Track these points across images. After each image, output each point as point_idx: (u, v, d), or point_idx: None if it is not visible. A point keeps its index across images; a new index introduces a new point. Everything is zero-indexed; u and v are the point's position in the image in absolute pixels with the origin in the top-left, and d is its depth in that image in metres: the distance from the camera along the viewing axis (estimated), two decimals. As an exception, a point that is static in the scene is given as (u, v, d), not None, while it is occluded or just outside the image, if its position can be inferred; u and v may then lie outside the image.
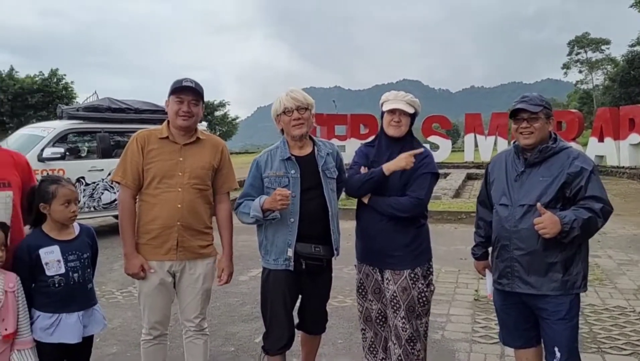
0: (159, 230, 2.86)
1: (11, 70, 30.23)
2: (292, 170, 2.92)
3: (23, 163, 2.70)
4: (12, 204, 2.55)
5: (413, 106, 2.99)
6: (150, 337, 2.99)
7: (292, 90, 2.95)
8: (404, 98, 2.99)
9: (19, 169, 2.64)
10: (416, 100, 3.03)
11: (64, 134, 8.45)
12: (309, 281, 3.00)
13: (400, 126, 2.97)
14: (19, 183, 2.59)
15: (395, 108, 2.96)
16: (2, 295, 2.39)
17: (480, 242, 3.04)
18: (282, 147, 2.98)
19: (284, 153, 2.95)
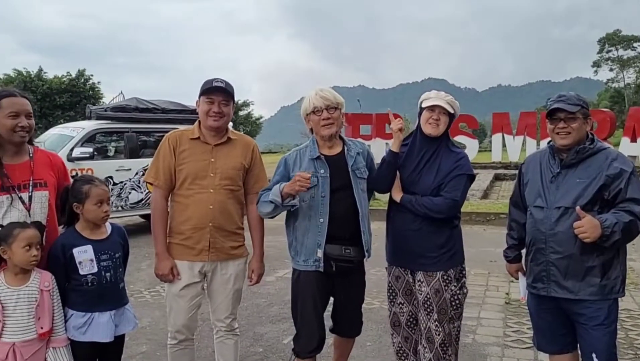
0: (191, 231, 2.87)
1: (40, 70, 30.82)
2: (321, 169, 2.88)
3: (59, 164, 2.74)
4: (48, 204, 2.58)
5: (453, 107, 2.93)
6: (174, 341, 2.99)
7: (322, 89, 2.90)
8: (445, 97, 2.94)
9: (55, 170, 2.68)
10: (456, 101, 2.98)
11: (93, 134, 8.59)
12: (341, 283, 2.96)
13: (438, 124, 2.90)
14: (54, 184, 2.63)
15: (435, 105, 2.89)
16: (38, 293, 2.42)
17: (513, 244, 2.97)
18: (312, 146, 2.94)
19: (313, 153, 2.91)
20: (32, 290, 2.41)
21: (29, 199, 2.51)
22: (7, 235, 2.37)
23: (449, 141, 3.01)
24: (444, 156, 2.93)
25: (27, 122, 2.49)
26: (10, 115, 2.45)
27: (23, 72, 30.17)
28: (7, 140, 2.48)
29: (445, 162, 2.91)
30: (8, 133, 2.46)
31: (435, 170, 2.91)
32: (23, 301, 2.39)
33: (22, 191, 2.50)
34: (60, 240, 2.58)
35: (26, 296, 2.40)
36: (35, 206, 2.53)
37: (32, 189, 2.53)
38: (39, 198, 2.54)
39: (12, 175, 2.49)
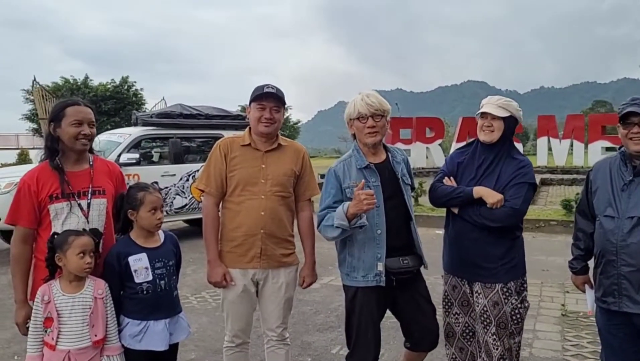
0: (242, 237, 2.84)
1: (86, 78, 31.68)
2: (372, 178, 2.76)
3: (117, 173, 2.76)
4: (106, 212, 2.60)
5: (507, 109, 2.80)
6: (232, 345, 2.98)
7: (368, 94, 2.79)
8: (496, 101, 2.82)
9: (113, 178, 2.70)
10: (512, 103, 2.84)
11: (139, 140, 8.72)
12: (403, 296, 2.84)
13: (491, 131, 2.79)
14: (112, 192, 2.65)
15: (486, 112, 2.80)
16: (92, 301, 2.42)
17: (580, 255, 2.82)
18: (357, 155, 2.82)
19: (361, 162, 2.78)
20: (86, 298, 2.41)
21: (87, 206, 2.53)
22: (62, 242, 2.38)
23: (511, 148, 2.87)
24: (505, 163, 2.81)
25: (90, 130, 2.53)
26: (73, 123, 2.49)
27: (70, 79, 31.11)
28: (70, 148, 2.52)
29: (505, 169, 2.79)
30: (71, 140, 2.49)
31: (495, 178, 2.79)
32: (78, 308, 2.39)
33: (82, 198, 2.53)
34: (115, 248, 2.58)
35: (81, 304, 2.40)
36: (93, 213, 2.55)
37: (91, 196, 2.55)
38: (97, 206, 2.56)
39: (73, 182, 2.52)
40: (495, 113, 2.77)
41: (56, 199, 2.47)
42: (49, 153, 2.55)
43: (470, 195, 2.77)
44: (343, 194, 2.77)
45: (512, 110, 2.81)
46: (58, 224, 2.48)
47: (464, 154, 2.96)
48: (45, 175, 2.50)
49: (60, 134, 2.51)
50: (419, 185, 10.95)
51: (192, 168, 8.92)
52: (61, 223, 2.47)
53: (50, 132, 2.54)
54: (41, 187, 2.47)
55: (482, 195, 2.74)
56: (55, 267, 2.43)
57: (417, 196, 10.89)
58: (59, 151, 2.53)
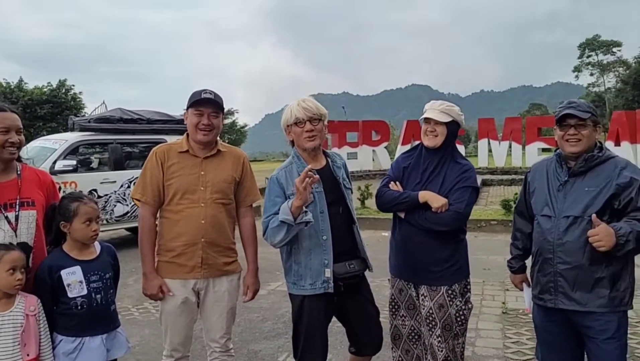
0: (182, 247, 2.76)
1: (20, 81, 30.30)
2: (314, 184, 2.67)
3: (48, 183, 2.61)
4: (36, 224, 2.46)
5: (449, 114, 2.84)
6: (172, 359, 2.89)
7: (304, 99, 2.77)
8: (438, 107, 2.87)
9: (44, 188, 2.56)
10: (454, 108, 2.89)
11: (76, 146, 8.36)
12: (349, 301, 2.84)
13: (435, 136, 2.83)
14: (43, 203, 2.51)
15: (429, 118, 2.84)
16: (24, 319, 2.29)
17: (518, 255, 2.90)
18: (297, 162, 2.79)
19: (302, 168, 2.69)
20: (16, 315, 2.28)
21: (15, 219, 2.39)
22: None
23: (454, 152, 2.92)
24: (449, 168, 2.85)
25: (18, 138, 2.39)
26: (0, 130, 2.34)
27: (2, 82, 29.68)
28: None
29: (450, 173, 2.84)
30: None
31: (440, 182, 2.83)
32: (7, 327, 2.26)
33: (9, 210, 2.38)
34: (47, 261, 2.44)
35: (11, 322, 2.26)
36: (22, 226, 2.41)
37: (19, 208, 2.41)
38: (26, 218, 2.43)
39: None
40: (438, 118, 2.82)
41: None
42: None
43: (416, 200, 2.79)
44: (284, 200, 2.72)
45: (454, 115, 2.86)
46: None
47: (410, 158, 2.99)
48: None
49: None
50: (365, 188, 11.06)
51: (134, 175, 8.63)
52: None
53: None
54: None
55: (428, 200, 2.76)
56: None
57: (363, 199, 10.98)
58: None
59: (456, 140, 3.00)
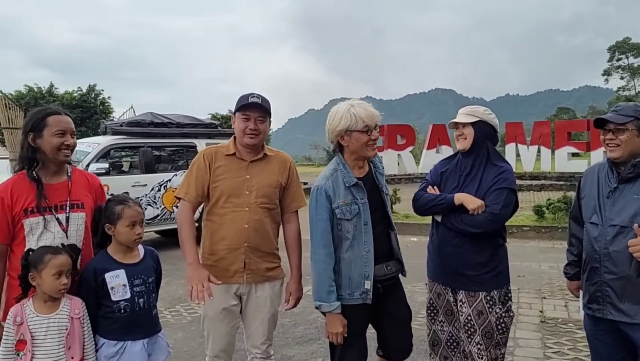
0: (225, 251, 2.75)
1: (51, 86, 30.86)
2: (359, 195, 2.68)
3: (97, 185, 2.63)
4: (84, 226, 2.48)
5: (474, 115, 2.82)
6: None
7: (364, 104, 2.67)
8: (463, 111, 2.88)
9: (92, 191, 2.58)
10: (479, 108, 2.87)
11: (108, 149, 8.49)
12: (385, 305, 2.82)
13: (464, 139, 2.83)
14: (91, 205, 2.52)
15: (455, 122, 2.86)
16: (69, 321, 2.30)
17: (573, 261, 2.82)
18: (344, 171, 2.69)
19: (349, 179, 2.67)
20: (62, 318, 2.29)
21: (65, 220, 2.40)
22: (37, 260, 2.25)
23: (490, 154, 2.85)
24: (486, 170, 2.81)
25: (72, 141, 2.42)
26: (57, 133, 2.37)
27: (34, 87, 30.30)
28: (51, 159, 2.39)
29: (486, 176, 2.79)
30: (53, 152, 2.37)
31: (476, 184, 2.79)
32: (53, 330, 2.27)
33: (59, 212, 2.40)
34: (91, 264, 2.45)
35: (56, 325, 2.27)
36: (71, 228, 2.42)
37: (69, 210, 2.42)
38: (76, 220, 2.44)
39: (50, 195, 2.39)
40: (462, 120, 2.82)
41: (32, 213, 2.34)
42: (26, 164, 2.40)
43: (451, 202, 2.75)
44: (333, 215, 2.64)
45: (480, 114, 2.82)
46: (33, 240, 2.34)
47: (448, 164, 2.98)
48: (21, 187, 2.36)
49: (42, 145, 2.37)
50: (393, 193, 10.97)
51: (164, 178, 8.73)
52: (36, 238, 2.34)
53: (29, 143, 2.39)
54: (15, 199, 2.33)
55: (463, 201, 2.72)
56: (29, 286, 2.29)
57: (391, 203, 10.89)
58: (38, 162, 2.40)
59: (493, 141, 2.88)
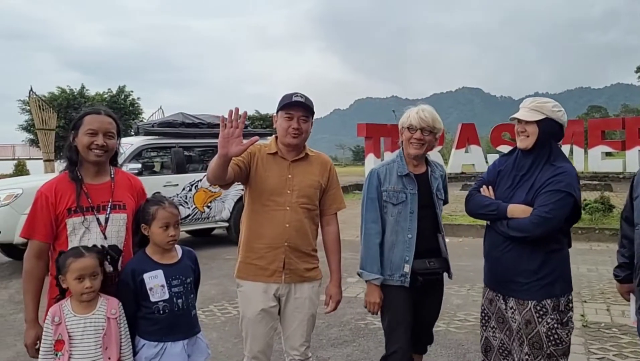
0: (265, 249, 2.73)
1: (82, 88, 31.50)
2: (410, 186, 2.86)
3: (139, 187, 2.61)
4: (126, 228, 2.46)
5: (540, 111, 2.62)
6: None
7: (424, 109, 2.87)
8: (529, 104, 2.67)
9: (135, 192, 2.56)
10: (547, 104, 2.65)
11: (141, 150, 8.57)
12: (421, 300, 2.89)
13: (526, 137, 2.64)
14: (133, 207, 2.50)
15: (516, 118, 2.69)
16: (105, 321, 2.28)
17: (624, 263, 2.70)
18: (400, 162, 2.91)
19: (402, 170, 2.88)
20: (99, 318, 2.27)
21: (105, 221, 2.39)
22: (62, 264, 2.25)
23: (551, 153, 2.65)
24: (542, 170, 2.62)
25: (105, 141, 2.38)
26: (88, 132, 2.36)
27: (66, 89, 30.95)
28: (84, 159, 2.39)
29: (540, 177, 2.61)
30: (84, 150, 2.37)
31: (529, 186, 2.63)
32: (90, 330, 2.25)
33: (101, 213, 2.39)
34: (130, 264, 2.43)
35: (93, 325, 2.25)
36: (112, 229, 2.41)
37: (110, 211, 2.41)
38: (117, 221, 2.43)
39: (92, 195, 2.39)
40: (527, 118, 2.63)
41: (75, 213, 2.33)
42: (68, 163, 2.42)
43: (503, 214, 2.64)
44: (379, 196, 2.86)
45: (547, 111, 2.62)
46: (75, 240, 2.34)
47: (506, 161, 2.82)
48: (64, 186, 2.36)
49: (77, 143, 2.38)
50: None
51: (195, 178, 8.77)
52: (79, 238, 2.34)
53: (70, 141, 2.41)
54: (59, 199, 2.33)
55: (515, 215, 2.60)
56: None
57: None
58: (78, 162, 2.40)
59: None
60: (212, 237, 9.96)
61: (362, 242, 2.88)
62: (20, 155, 34.53)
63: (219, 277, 6.57)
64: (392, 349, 2.84)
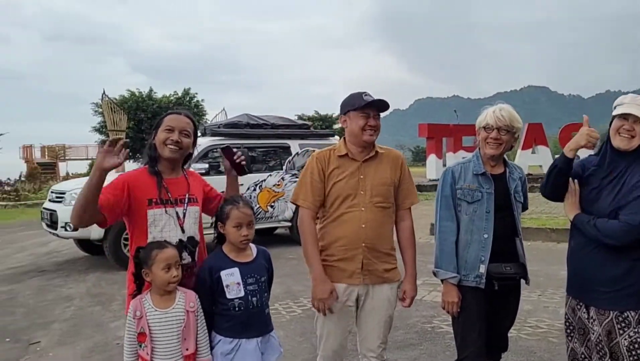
0: (343, 251, 2.74)
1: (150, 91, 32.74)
2: (486, 185, 2.78)
3: (202, 183, 2.75)
4: (199, 220, 2.58)
5: None
6: None
7: (502, 107, 2.79)
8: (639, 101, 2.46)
9: (202, 188, 2.69)
10: None
11: (207, 150, 8.80)
12: (496, 305, 2.79)
13: (632, 136, 2.43)
14: (201, 202, 2.63)
15: (628, 114, 2.41)
16: (184, 314, 2.36)
17: None
18: (476, 162, 2.84)
19: (478, 168, 2.81)
20: (178, 312, 2.35)
21: (183, 214, 2.49)
22: (146, 257, 2.33)
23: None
24: (632, 173, 2.46)
25: (180, 138, 2.48)
26: (165, 128, 2.48)
27: (136, 92, 32.24)
28: (161, 155, 2.50)
29: (629, 180, 2.45)
30: (160, 146, 2.48)
31: (617, 189, 2.48)
32: (171, 323, 2.33)
33: (179, 205, 2.49)
34: (207, 262, 2.51)
35: (173, 318, 2.34)
36: (189, 221, 2.51)
37: (187, 204, 2.52)
38: (192, 214, 2.53)
39: (172, 189, 2.50)
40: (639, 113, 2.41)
41: (155, 204, 2.44)
42: (147, 160, 2.53)
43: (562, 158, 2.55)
44: (454, 194, 2.81)
45: None
46: (155, 231, 2.43)
47: (595, 161, 2.64)
48: (144, 178, 2.48)
49: (155, 141, 2.50)
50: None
51: (259, 178, 8.93)
52: (159, 230, 2.44)
53: (151, 141, 2.53)
54: (138, 187, 2.44)
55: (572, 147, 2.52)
56: (142, 281, 2.39)
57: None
58: (158, 159, 2.52)
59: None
60: (275, 237, 10.12)
61: (437, 240, 2.83)
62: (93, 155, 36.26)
63: (282, 276, 6.65)
64: (465, 354, 2.76)
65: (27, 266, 8.45)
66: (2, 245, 10.57)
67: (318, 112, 37.62)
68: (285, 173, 9.29)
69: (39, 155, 37.17)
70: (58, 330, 5.18)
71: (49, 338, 4.92)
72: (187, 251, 2.49)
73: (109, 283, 7.00)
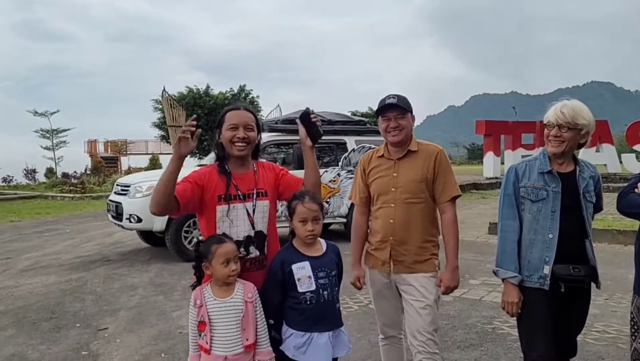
0: (378, 243, 3.01)
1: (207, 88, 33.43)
2: (552, 183, 2.68)
3: (277, 170, 2.78)
4: (269, 214, 2.61)
5: None
6: (382, 336, 3.20)
7: (565, 104, 2.69)
8: None
9: (276, 178, 2.72)
10: None
11: (265, 145, 8.92)
12: (564, 308, 2.68)
13: None
14: (274, 194, 2.67)
15: None
16: (243, 305, 2.41)
17: None
18: (542, 159, 2.75)
19: (544, 166, 2.71)
20: (237, 302, 2.41)
21: (252, 209, 2.55)
22: (206, 251, 2.40)
23: None
24: None
25: (246, 134, 2.52)
26: (230, 127, 2.52)
27: (193, 89, 33.05)
28: (229, 153, 2.55)
29: None
30: (228, 145, 2.53)
31: None
32: (230, 312, 2.39)
33: (247, 200, 2.55)
34: (279, 256, 2.56)
35: (232, 308, 2.40)
36: (257, 216, 2.56)
37: (256, 198, 2.56)
38: (261, 208, 2.58)
39: (240, 185, 2.55)
40: None
41: (224, 200, 2.50)
42: (216, 158, 2.61)
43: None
44: (517, 192, 2.74)
45: None
46: (224, 226, 2.50)
47: None
48: (216, 176, 2.55)
49: (222, 139, 2.55)
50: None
51: (314, 173, 8.98)
52: (227, 225, 2.50)
53: (217, 139, 2.59)
54: (210, 183, 2.51)
55: None
56: (202, 273, 2.47)
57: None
58: (226, 157, 2.57)
59: None
60: (330, 233, 10.16)
61: (499, 239, 2.77)
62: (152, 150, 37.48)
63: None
64: (531, 357, 2.69)
65: (94, 255, 8.84)
66: (72, 235, 11.12)
67: (371, 108, 37.38)
68: (341, 169, 9.31)
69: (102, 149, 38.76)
70: (124, 317, 5.40)
71: (116, 325, 5.14)
72: (254, 245, 2.54)
73: (170, 274, 7.23)
